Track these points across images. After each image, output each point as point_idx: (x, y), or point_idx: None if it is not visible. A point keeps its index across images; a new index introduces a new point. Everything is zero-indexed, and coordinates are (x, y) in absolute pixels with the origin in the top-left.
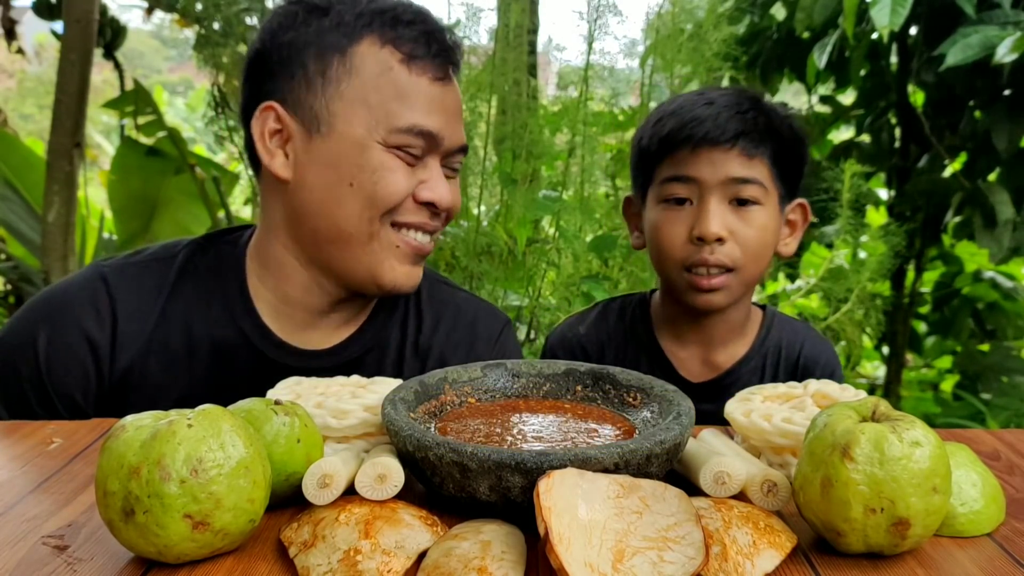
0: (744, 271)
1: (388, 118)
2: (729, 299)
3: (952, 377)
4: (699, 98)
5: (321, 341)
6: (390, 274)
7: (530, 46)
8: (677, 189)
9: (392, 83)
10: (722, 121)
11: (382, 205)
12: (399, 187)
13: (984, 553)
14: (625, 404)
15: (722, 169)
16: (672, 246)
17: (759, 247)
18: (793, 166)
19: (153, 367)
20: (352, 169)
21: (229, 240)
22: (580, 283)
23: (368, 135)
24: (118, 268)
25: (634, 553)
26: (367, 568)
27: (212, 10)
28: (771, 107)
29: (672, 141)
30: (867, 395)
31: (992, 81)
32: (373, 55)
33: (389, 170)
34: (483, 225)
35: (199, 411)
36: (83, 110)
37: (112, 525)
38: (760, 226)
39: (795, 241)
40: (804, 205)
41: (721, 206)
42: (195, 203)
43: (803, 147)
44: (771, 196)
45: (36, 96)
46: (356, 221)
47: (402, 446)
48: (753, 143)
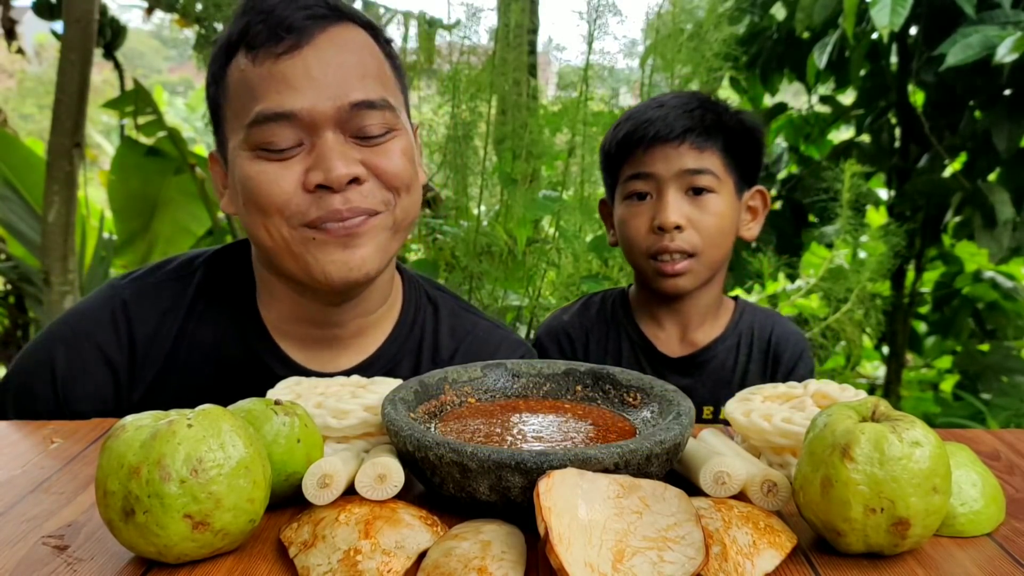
0: (705, 255)
1: (242, 119)
2: (694, 282)
3: (952, 377)
4: (652, 102)
5: (333, 363)
6: (318, 267)
7: (530, 46)
8: (637, 185)
9: (244, 83)
10: (671, 120)
11: (270, 210)
12: (272, 190)
13: (984, 553)
14: (625, 404)
15: (675, 162)
16: (637, 237)
17: (717, 232)
18: (746, 156)
19: (171, 389)
20: (239, 188)
21: (241, 255)
22: (580, 283)
23: (236, 146)
24: (136, 288)
25: (634, 553)
26: (367, 568)
27: (212, 10)
28: (721, 105)
29: (629, 142)
30: (867, 395)
31: (992, 81)
32: (235, 66)
33: (255, 175)
34: (483, 225)
35: (199, 411)
36: (83, 110)
37: (112, 525)
38: (716, 212)
39: (757, 226)
40: (763, 192)
41: (678, 196)
42: (195, 203)
43: (754, 138)
44: (725, 184)
45: (36, 96)
46: (264, 232)
47: (402, 446)
48: (702, 137)
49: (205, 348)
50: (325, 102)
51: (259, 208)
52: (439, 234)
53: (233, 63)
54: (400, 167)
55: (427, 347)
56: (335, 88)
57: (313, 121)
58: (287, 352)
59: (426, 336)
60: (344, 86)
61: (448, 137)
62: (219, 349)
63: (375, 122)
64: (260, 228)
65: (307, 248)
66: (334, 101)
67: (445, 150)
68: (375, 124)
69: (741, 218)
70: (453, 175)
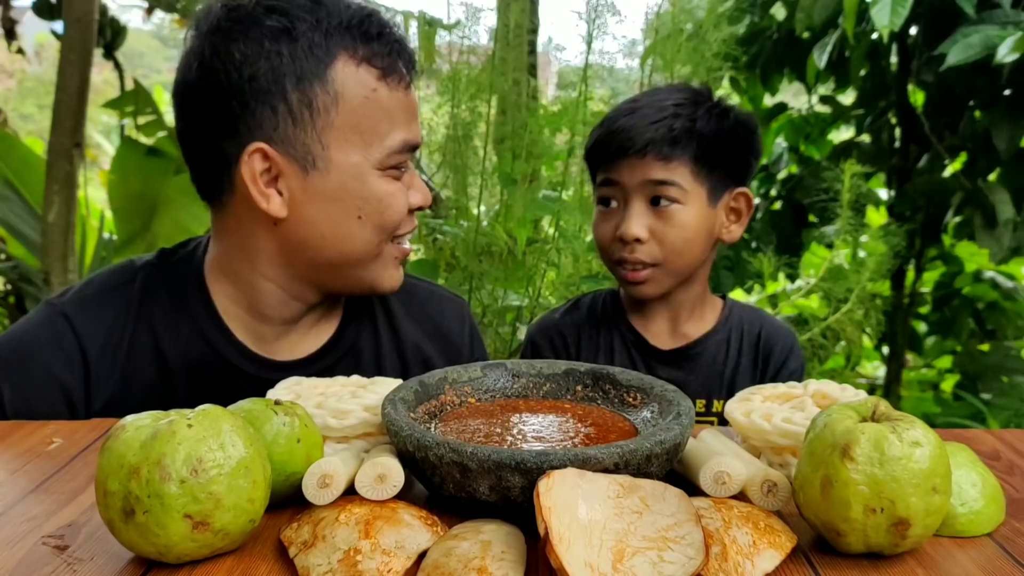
0: (668, 265)
1: (381, 140)
2: (659, 289)
3: (952, 377)
4: (629, 106)
5: (296, 350)
6: (389, 282)
7: (530, 46)
8: (605, 191)
9: (377, 104)
10: (635, 133)
11: (390, 228)
12: (403, 208)
13: (984, 553)
14: (625, 404)
15: (639, 173)
16: (603, 242)
17: (681, 243)
18: (725, 160)
19: (131, 400)
20: (357, 202)
21: (183, 257)
22: (580, 283)
23: (364, 162)
24: (76, 303)
25: (634, 553)
26: (367, 568)
27: None
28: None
29: (598, 149)
30: (867, 395)
31: (992, 81)
32: (352, 76)
33: (391, 195)
34: (483, 225)
35: (199, 411)
36: (83, 110)
37: (112, 525)
38: (680, 224)
39: (739, 228)
40: (746, 193)
41: (641, 207)
42: (195, 203)
43: (736, 139)
44: (693, 195)
45: (36, 96)
46: (365, 247)
47: (402, 446)
48: (668, 147)
49: (160, 350)
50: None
51: (382, 222)
52: (439, 234)
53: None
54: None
55: (381, 319)
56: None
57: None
58: (248, 345)
59: (377, 310)
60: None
61: (448, 137)
62: (178, 352)
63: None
64: (360, 242)
65: (385, 263)
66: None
67: (445, 150)
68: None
69: (720, 221)
70: (453, 175)
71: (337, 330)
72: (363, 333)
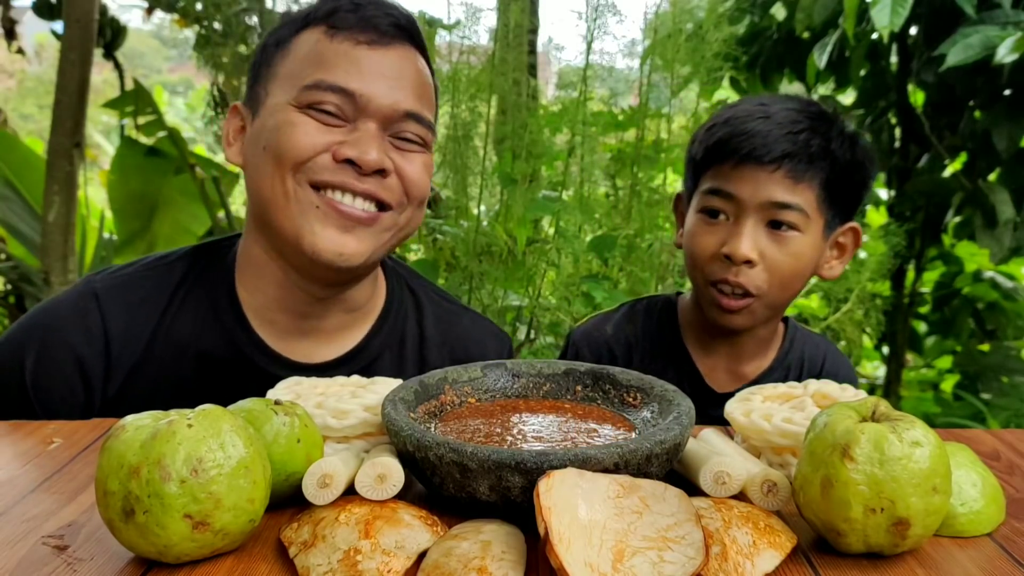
0: (769, 296)
1: (302, 80)
2: (751, 322)
3: (952, 377)
4: (757, 108)
5: (314, 354)
6: (311, 238)
7: (530, 46)
8: (715, 202)
9: (315, 52)
10: (771, 140)
11: (287, 159)
12: (302, 141)
13: (984, 553)
14: (625, 404)
15: (763, 191)
16: (702, 257)
17: (790, 274)
18: (847, 190)
19: (145, 383)
20: (263, 134)
21: (222, 248)
22: (580, 283)
23: (285, 99)
24: (109, 283)
25: (634, 553)
26: (367, 568)
27: (212, 10)
28: (836, 126)
29: (717, 152)
30: (867, 395)
31: (992, 81)
32: (307, 36)
33: (293, 124)
34: (483, 225)
35: (199, 411)
36: (83, 110)
37: (112, 525)
38: (794, 253)
39: (841, 265)
40: (856, 229)
41: (757, 228)
42: (195, 203)
43: (863, 172)
44: (813, 223)
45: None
46: (270, 181)
47: (402, 446)
48: (802, 166)
49: (183, 339)
50: (384, 98)
51: (278, 156)
52: (439, 234)
53: (306, 33)
54: (421, 178)
55: (411, 338)
56: (395, 93)
57: (366, 107)
58: (267, 342)
59: (409, 328)
60: (403, 94)
61: (448, 137)
62: (198, 340)
63: (415, 131)
64: (267, 178)
65: (306, 213)
66: (391, 101)
67: (445, 150)
68: (414, 133)
69: (824, 255)
70: (453, 175)
71: (360, 343)
72: (387, 352)
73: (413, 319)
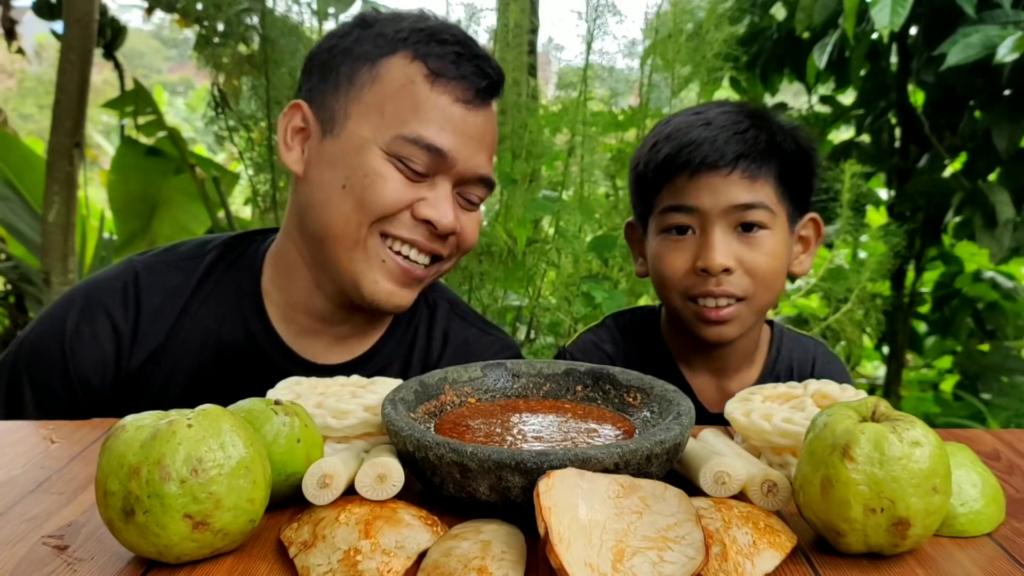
0: (755, 299)
1: (396, 126)
2: (741, 329)
3: (952, 377)
4: (695, 118)
5: (327, 355)
6: (371, 287)
7: (530, 46)
8: (678, 219)
9: (411, 95)
10: (720, 144)
11: (371, 211)
12: (389, 196)
13: (984, 553)
14: (625, 404)
15: (724, 196)
16: (675, 276)
17: (770, 273)
18: (801, 181)
19: (165, 364)
20: (347, 170)
21: (256, 240)
22: (580, 283)
23: (372, 138)
24: (150, 265)
25: (634, 553)
26: (367, 568)
27: (213, 10)
28: (774, 121)
29: (669, 168)
30: (867, 395)
31: (992, 81)
32: (400, 67)
33: (382, 177)
34: (483, 225)
35: (199, 411)
36: (83, 110)
37: (112, 525)
38: (769, 251)
39: (809, 258)
40: (816, 220)
41: (726, 235)
42: (195, 203)
43: (811, 160)
44: (779, 218)
45: (36, 96)
46: (344, 223)
47: (402, 446)
48: (755, 164)
49: (205, 328)
50: (467, 161)
51: (365, 203)
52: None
53: (398, 60)
54: (475, 235)
55: (419, 349)
56: (477, 157)
57: (448, 166)
58: (283, 338)
59: (419, 339)
60: (482, 159)
61: None
62: (219, 330)
63: (480, 194)
64: (344, 216)
65: (371, 262)
66: (472, 165)
67: None
68: (479, 196)
69: (794, 251)
70: None
71: (370, 349)
72: (397, 359)
73: (424, 330)
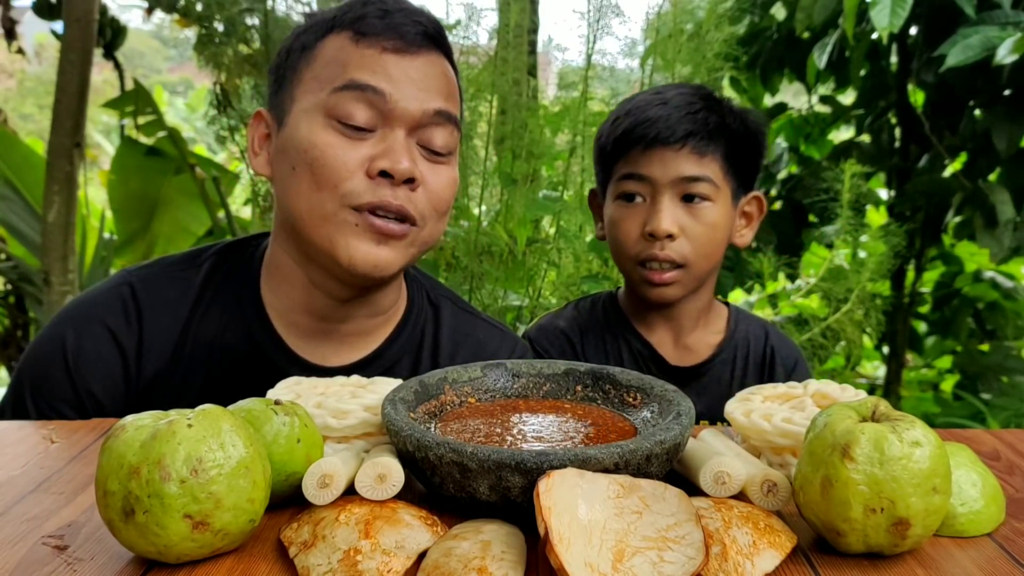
0: (694, 266)
1: (328, 85)
2: (681, 292)
3: (952, 377)
4: (654, 97)
5: (333, 357)
6: (346, 252)
7: (530, 46)
8: (631, 186)
9: (340, 57)
10: (673, 122)
11: (324, 183)
12: (336, 160)
13: (984, 553)
14: (625, 404)
15: (673, 168)
16: (627, 241)
17: (709, 243)
18: (747, 161)
19: (174, 376)
20: (291, 153)
21: (250, 246)
22: (580, 283)
23: (311, 107)
24: (146, 278)
25: (634, 553)
26: (367, 568)
27: (214, 9)
28: (726, 105)
29: (626, 140)
30: (867, 395)
31: (992, 81)
32: (332, 41)
33: (323, 145)
34: (483, 225)
35: (199, 411)
36: (83, 110)
37: (112, 525)
38: (710, 223)
39: (751, 232)
40: (759, 198)
41: (672, 203)
42: (195, 203)
43: (756, 142)
44: (722, 192)
45: (36, 96)
46: (306, 204)
47: (402, 446)
48: (704, 142)
49: (209, 337)
50: (412, 100)
51: (315, 178)
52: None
53: (331, 38)
54: (447, 191)
55: (427, 348)
56: (424, 95)
57: (394, 111)
58: (288, 343)
59: (426, 338)
60: (432, 95)
61: None
62: (222, 338)
63: (443, 138)
64: (303, 197)
65: (341, 230)
66: (419, 104)
67: None
68: (442, 141)
69: (735, 224)
70: None
71: (377, 349)
72: (404, 359)
73: (431, 328)
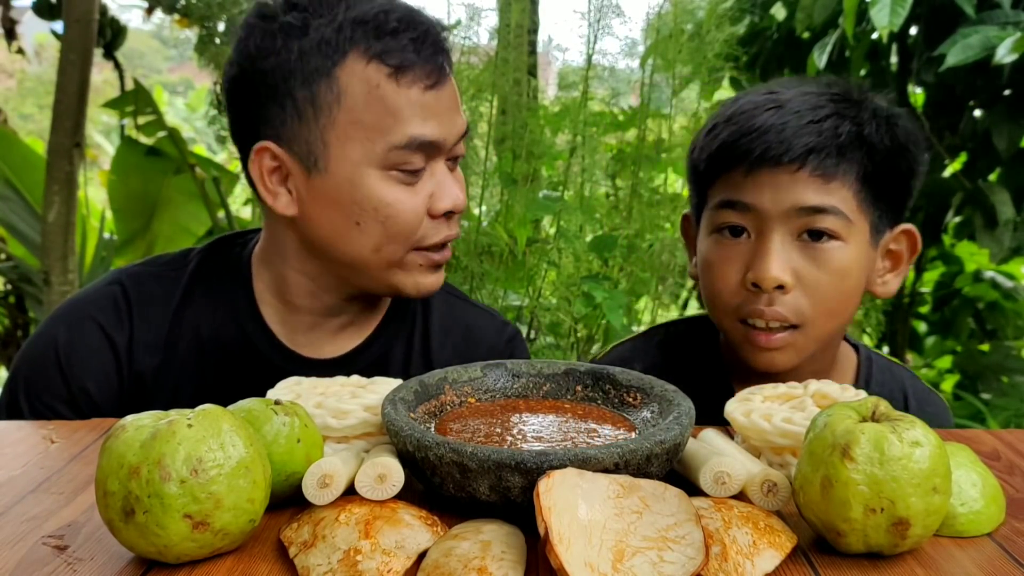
0: (814, 327)
1: (382, 137)
2: (796, 359)
3: (952, 377)
4: (766, 98)
5: (326, 349)
6: (414, 289)
7: (530, 46)
8: (731, 217)
9: (381, 100)
10: (788, 134)
11: (399, 239)
12: (409, 216)
13: (984, 553)
14: (625, 404)
15: (788, 196)
16: (724, 289)
17: (836, 296)
18: (892, 183)
19: (166, 373)
20: (353, 208)
21: (238, 244)
22: (580, 283)
23: (364, 160)
24: (135, 276)
25: (634, 553)
26: (367, 568)
27: (214, 9)
28: (865, 105)
29: (724, 158)
30: (867, 395)
31: (992, 81)
32: (359, 74)
33: (397, 202)
34: (483, 225)
35: (199, 411)
36: (83, 110)
37: (112, 525)
38: (838, 269)
39: (897, 279)
40: (911, 232)
41: (786, 243)
42: (195, 203)
43: (908, 157)
44: (856, 227)
45: (36, 96)
46: (374, 254)
47: (402, 446)
48: (831, 160)
49: (200, 332)
50: (451, 133)
51: (387, 232)
52: None
53: (356, 66)
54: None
55: (418, 334)
56: (456, 118)
57: (444, 148)
58: (277, 335)
59: (416, 324)
60: (458, 115)
61: None
62: (212, 332)
63: (462, 148)
64: (369, 247)
65: (407, 270)
66: (457, 131)
67: None
68: (462, 150)
69: (875, 268)
70: None
71: (369, 337)
72: (396, 345)
73: (421, 315)
